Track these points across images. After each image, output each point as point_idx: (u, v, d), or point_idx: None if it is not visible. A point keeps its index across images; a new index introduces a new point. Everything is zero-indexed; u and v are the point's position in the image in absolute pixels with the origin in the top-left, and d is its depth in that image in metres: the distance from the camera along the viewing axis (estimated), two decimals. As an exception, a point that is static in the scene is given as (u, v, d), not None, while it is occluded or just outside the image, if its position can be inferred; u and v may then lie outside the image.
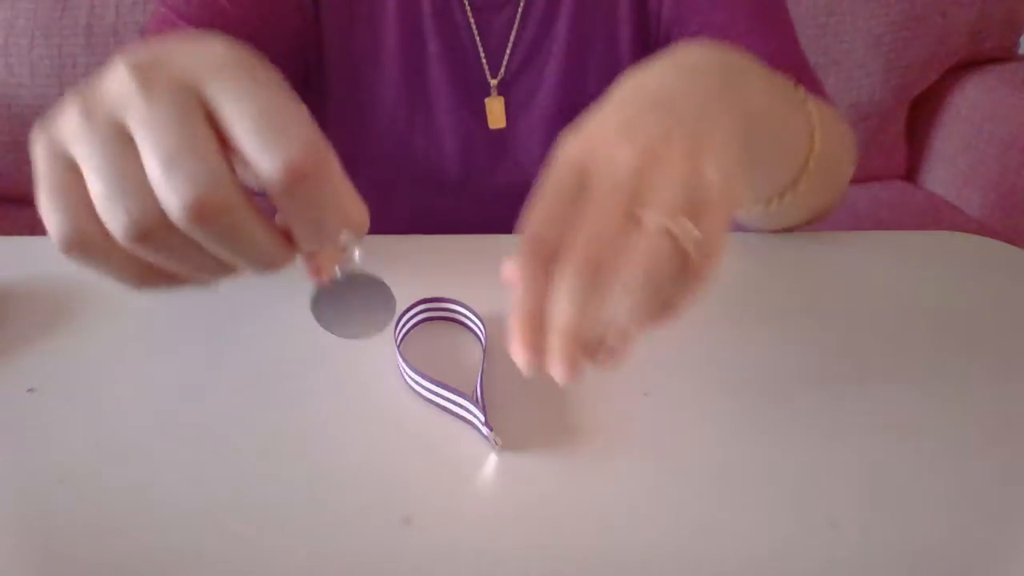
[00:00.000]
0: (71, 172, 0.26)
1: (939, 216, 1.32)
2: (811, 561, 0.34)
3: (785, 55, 0.62)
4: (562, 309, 0.30)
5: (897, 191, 1.41)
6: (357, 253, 0.33)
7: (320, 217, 0.27)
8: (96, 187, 0.26)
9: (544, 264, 0.31)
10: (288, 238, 0.29)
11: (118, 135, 0.26)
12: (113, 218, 0.26)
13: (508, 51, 0.66)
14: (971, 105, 1.37)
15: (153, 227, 0.26)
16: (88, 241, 0.27)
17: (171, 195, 0.25)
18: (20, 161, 1.35)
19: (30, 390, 0.44)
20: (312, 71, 0.67)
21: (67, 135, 0.26)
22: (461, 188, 0.69)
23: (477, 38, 0.66)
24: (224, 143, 0.26)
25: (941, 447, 0.40)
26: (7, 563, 0.34)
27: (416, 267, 0.54)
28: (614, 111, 0.34)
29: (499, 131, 0.68)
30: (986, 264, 0.57)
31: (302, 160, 0.25)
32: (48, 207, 0.27)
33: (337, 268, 0.32)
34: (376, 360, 0.46)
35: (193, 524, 0.35)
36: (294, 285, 0.52)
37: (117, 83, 0.26)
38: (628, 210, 0.30)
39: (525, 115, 0.67)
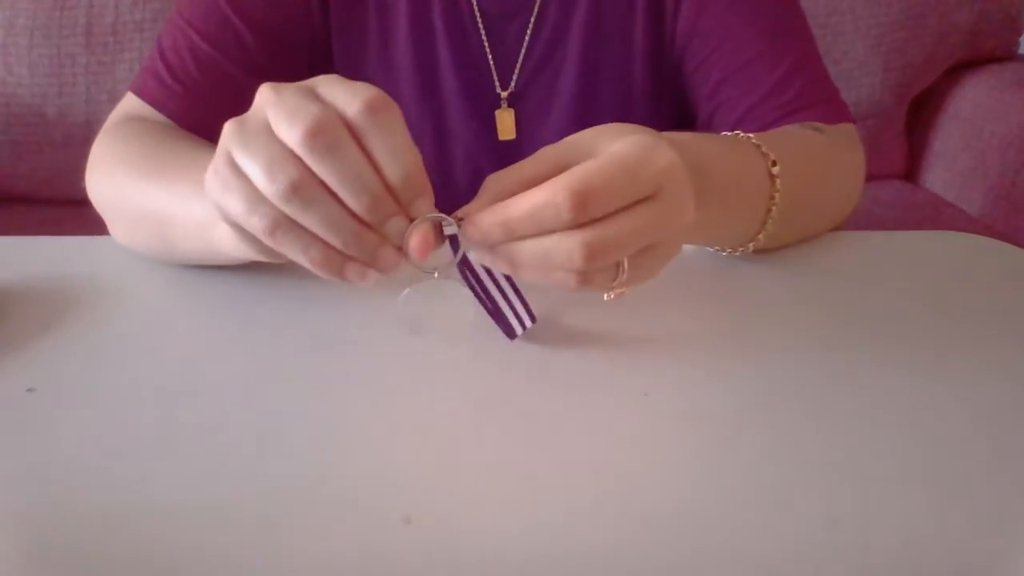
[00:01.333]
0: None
1: (939, 216, 1.32)
2: (811, 561, 0.34)
3: (803, 69, 0.62)
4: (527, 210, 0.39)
5: (897, 191, 1.40)
6: (462, 252, 0.42)
7: (397, 144, 0.36)
8: (254, 176, 0.36)
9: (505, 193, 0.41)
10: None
11: (266, 131, 0.36)
12: (273, 185, 0.35)
13: (519, 62, 0.65)
14: (971, 105, 1.37)
15: (298, 179, 0.35)
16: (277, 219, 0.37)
17: (291, 132, 0.35)
18: (19, 160, 1.35)
19: (30, 390, 0.44)
20: None
21: (230, 147, 0.37)
22: (471, 199, 0.69)
23: (487, 48, 0.65)
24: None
25: (941, 447, 0.40)
26: (7, 562, 0.34)
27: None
28: (640, 132, 0.41)
29: (510, 143, 0.67)
30: (986, 264, 0.57)
31: (374, 98, 0.36)
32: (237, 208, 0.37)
33: (436, 271, 0.41)
34: (377, 359, 0.46)
35: (193, 524, 0.35)
36: (293, 286, 0.52)
37: (261, 98, 0.37)
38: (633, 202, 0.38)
39: (537, 127, 0.66)
